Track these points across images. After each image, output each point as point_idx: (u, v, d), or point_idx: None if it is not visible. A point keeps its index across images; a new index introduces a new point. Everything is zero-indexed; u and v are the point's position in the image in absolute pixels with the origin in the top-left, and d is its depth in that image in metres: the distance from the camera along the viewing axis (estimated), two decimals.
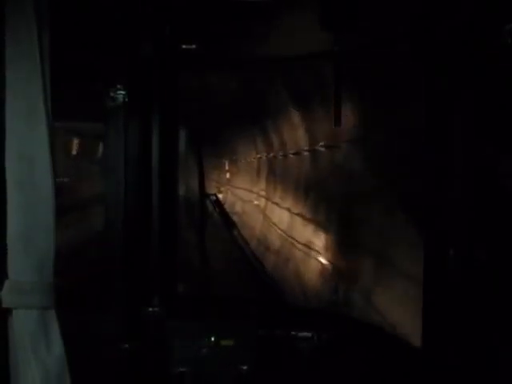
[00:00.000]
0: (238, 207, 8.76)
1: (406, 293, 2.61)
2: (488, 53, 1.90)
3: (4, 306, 1.44)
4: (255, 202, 7.96)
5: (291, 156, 5.75)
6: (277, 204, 6.51)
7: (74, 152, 4.80)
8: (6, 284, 1.44)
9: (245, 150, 8.43)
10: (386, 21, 2.49)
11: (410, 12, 2.33)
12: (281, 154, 6.24)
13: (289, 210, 5.77)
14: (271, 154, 6.85)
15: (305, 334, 2.50)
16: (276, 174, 6.85)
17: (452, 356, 2.08)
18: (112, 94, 2.39)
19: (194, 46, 2.79)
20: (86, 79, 2.55)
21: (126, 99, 2.40)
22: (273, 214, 6.64)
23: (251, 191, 8.32)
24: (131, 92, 2.41)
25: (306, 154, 5.07)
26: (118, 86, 2.38)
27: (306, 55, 3.08)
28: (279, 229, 6.01)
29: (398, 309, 2.74)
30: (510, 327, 1.93)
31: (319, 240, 4.43)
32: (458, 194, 2.04)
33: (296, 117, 5.08)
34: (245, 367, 2.33)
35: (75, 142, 4.76)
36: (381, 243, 3.07)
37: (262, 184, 7.62)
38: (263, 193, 7.50)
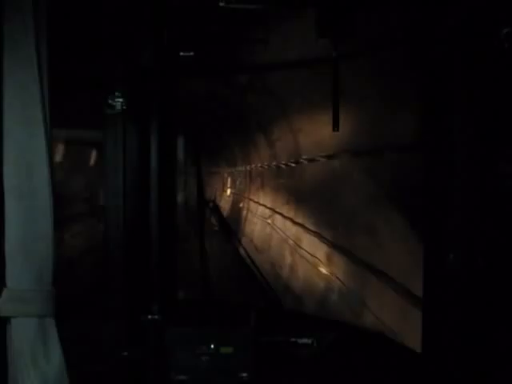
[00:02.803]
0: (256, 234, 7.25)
1: None
2: (486, 56, 1.91)
3: (3, 314, 1.44)
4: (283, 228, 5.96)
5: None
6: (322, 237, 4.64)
7: (73, 160, 4.79)
8: (5, 293, 1.44)
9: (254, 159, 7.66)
10: (384, 25, 2.50)
11: (407, 16, 2.34)
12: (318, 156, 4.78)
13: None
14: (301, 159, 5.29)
15: (305, 340, 2.49)
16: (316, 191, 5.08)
17: (452, 361, 2.07)
18: (110, 102, 2.38)
19: (192, 54, 2.80)
20: (83, 86, 2.55)
21: (125, 107, 2.40)
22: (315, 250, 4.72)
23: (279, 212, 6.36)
24: (130, 99, 2.41)
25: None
26: (117, 94, 2.38)
27: (304, 61, 3.09)
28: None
29: None
30: (511, 331, 1.92)
31: None
32: (457, 197, 2.04)
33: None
34: (245, 374, 2.32)
35: (73, 149, 4.76)
36: None
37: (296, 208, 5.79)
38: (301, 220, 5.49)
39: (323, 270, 4.37)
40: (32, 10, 1.40)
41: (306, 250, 4.91)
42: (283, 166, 5.91)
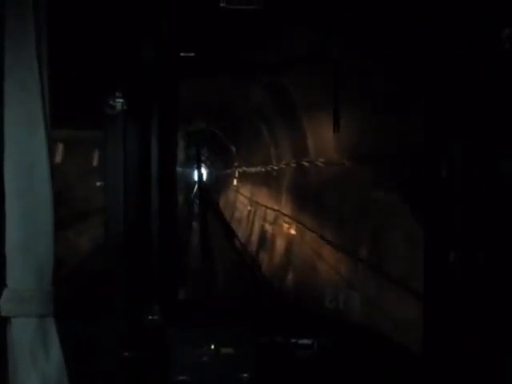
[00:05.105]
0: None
1: None
2: (486, 57, 1.91)
3: (3, 314, 1.44)
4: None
5: None
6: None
7: (73, 159, 4.79)
8: (5, 292, 1.44)
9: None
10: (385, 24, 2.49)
11: (408, 15, 2.33)
12: None
13: None
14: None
15: (305, 341, 2.49)
16: None
17: (453, 361, 2.07)
18: (111, 102, 2.39)
19: (192, 54, 2.79)
20: (84, 86, 2.55)
21: (125, 107, 2.40)
22: None
23: None
24: (130, 99, 2.41)
25: None
26: (117, 94, 2.38)
27: (305, 60, 3.08)
28: None
29: None
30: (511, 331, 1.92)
31: None
32: (458, 196, 2.04)
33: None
34: (245, 375, 2.33)
35: (74, 149, 4.76)
36: None
37: None
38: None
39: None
40: (33, 8, 1.40)
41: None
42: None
